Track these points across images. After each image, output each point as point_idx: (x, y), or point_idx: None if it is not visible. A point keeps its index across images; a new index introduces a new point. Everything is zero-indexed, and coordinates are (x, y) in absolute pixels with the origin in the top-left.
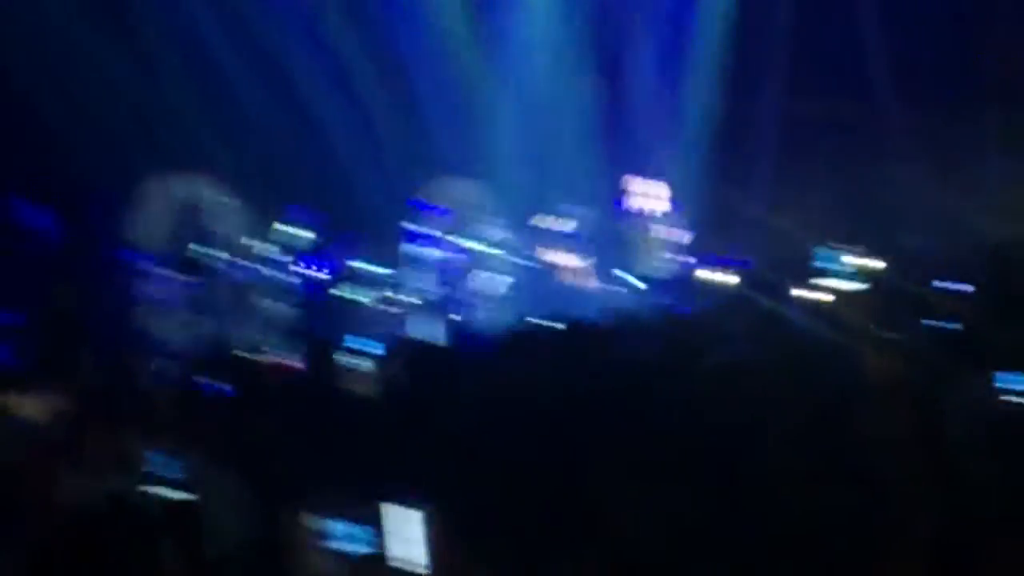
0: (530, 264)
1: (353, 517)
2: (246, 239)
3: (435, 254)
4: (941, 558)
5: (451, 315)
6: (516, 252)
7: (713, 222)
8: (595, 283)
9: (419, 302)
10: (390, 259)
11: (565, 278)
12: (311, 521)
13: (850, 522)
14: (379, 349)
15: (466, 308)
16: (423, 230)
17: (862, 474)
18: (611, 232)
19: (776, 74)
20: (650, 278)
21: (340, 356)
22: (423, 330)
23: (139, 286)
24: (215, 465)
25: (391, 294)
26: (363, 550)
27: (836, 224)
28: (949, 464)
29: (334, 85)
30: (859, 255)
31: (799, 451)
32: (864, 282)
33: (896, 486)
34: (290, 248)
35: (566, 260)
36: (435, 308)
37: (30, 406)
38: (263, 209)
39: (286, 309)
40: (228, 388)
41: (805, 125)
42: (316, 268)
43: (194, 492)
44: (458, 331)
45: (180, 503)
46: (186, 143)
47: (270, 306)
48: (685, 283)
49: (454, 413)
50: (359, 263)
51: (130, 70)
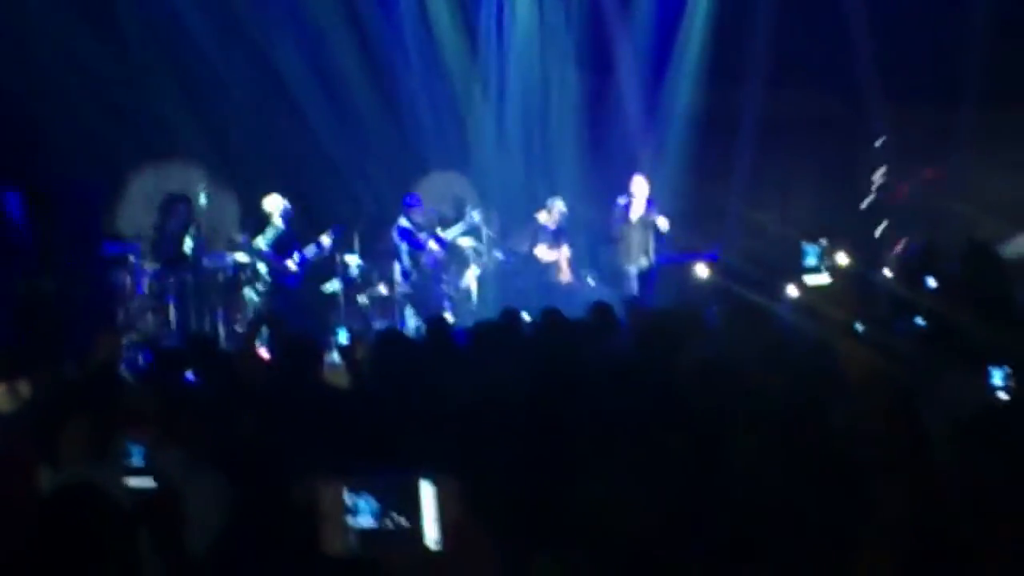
0: (510, 258)
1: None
2: (228, 231)
3: (417, 247)
4: (917, 550)
5: (430, 308)
6: (496, 246)
7: (694, 216)
8: (574, 277)
9: (399, 294)
10: (372, 251)
11: (545, 272)
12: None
13: (826, 515)
14: (359, 341)
15: (446, 301)
16: (405, 223)
17: (839, 468)
18: (592, 226)
19: (758, 70)
20: (629, 272)
21: (320, 347)
22: (402, 322)
23: (119, 277)
24: (196, 456)
25: (372, 286)
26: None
27: (815, 218)
28: (926, 457)
29: (318, 78)
30: (838, 249)
31: (775, 445)
32: (842, 276)
33: (873, 479)
34: (272, 240)
35: (546, 254)
36: (414, 301)
37: (6, 396)
38: (245, 201)
39: (267, 301)
40: (208, 379)
41: (786, 120)
42: (298, 260)
43: (174, 483)
44: (437, 324)
45: (160, 494)
46: (168, 135)
47: (251, 298)
48: (664, 277)
49: (431, 406)
50: (341, 255)
51: (112, 62)
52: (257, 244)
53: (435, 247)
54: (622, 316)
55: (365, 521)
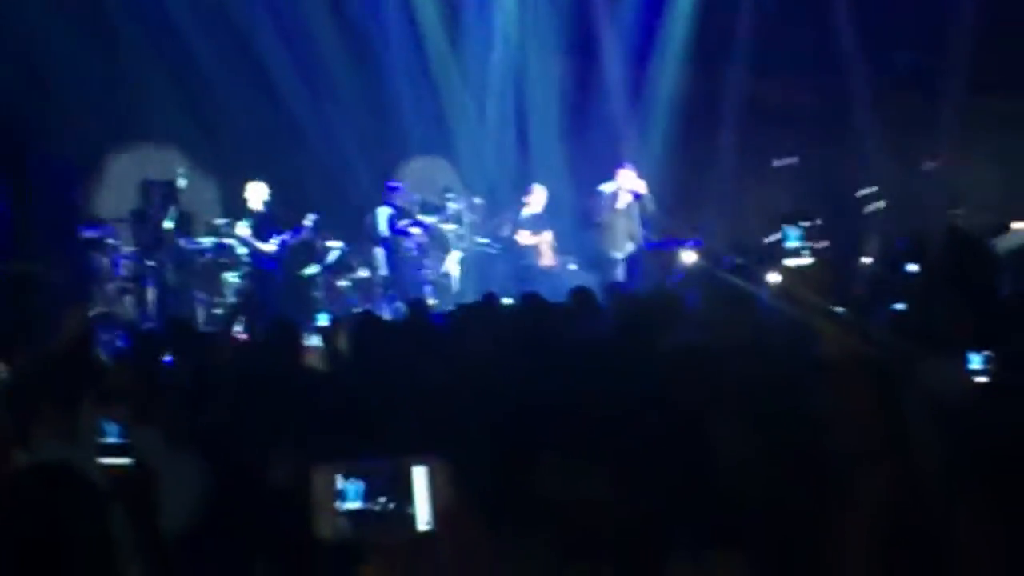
0: (492, 243)
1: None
2: (207, 214)
3: (399, 232)
4: (895, 535)
5: (411, 292)
6: (478, 230)
7: (677, 202)
8: (556, 262)
9: (380, 279)
10: (354, 235)
11: (527, 257)
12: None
13: (805, 500)
14: (340, 324)
15: (427, 285)
16: (387, 208)
17: (818, 452)
18: (575, 211)
19: (742, 56)
20: (615, 258)
21: (299, 330)
22: (383, 307)
23: (97, 260)
24: (172, 436)
25: (353, 270)
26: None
27: (796, 204)
28: (905, 441)
29: (300, 62)
30: (818, 235)
31: (755, 429)
32: (823, 261)
33: (852, 464)
34: (252, 223)
35: (527, 239)
36: (396, 285)
37: None
38: (225, 185)
39: (246, 285)
40: (186, 361)
41: (769, 106)
42: (277, 243)
43: (150, 463)
44: (417, 307)
45: (135, 473)
46: (147, 118)
47: (230, 281)
48: (646, 262)
49: (410, 389)
50: (321, 240)
51: (92, 46)
52: (237, 228)
53: (417, 231)
54: (603, 301)
55: (353, 504)
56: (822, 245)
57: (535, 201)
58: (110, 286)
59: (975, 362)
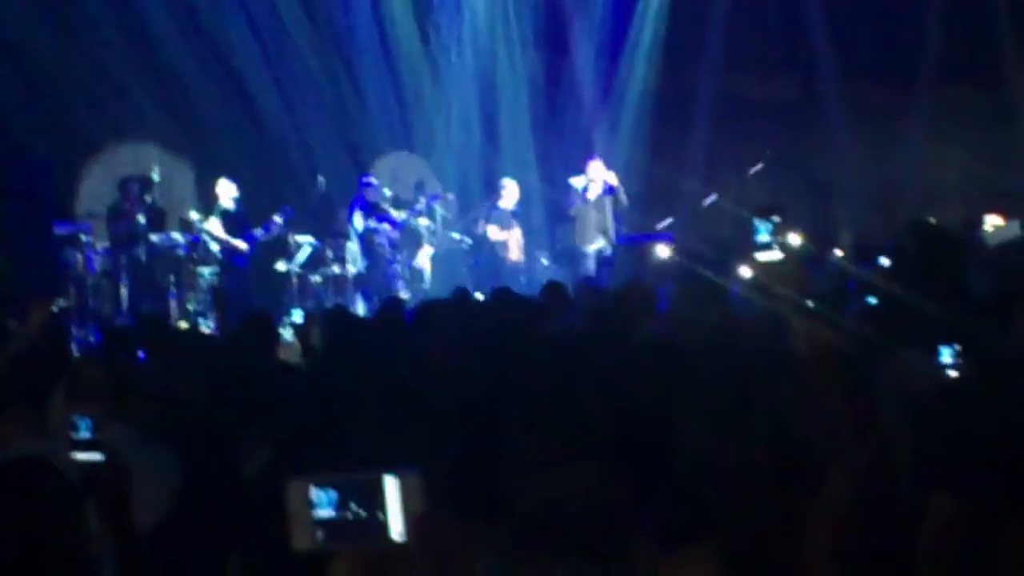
0: (464, 238)
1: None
2: (180, 210)
3: (371, 227)
4: (864, 529)
5: (384, 287)
6: (451, 226)
7: (648, 197)
8: (526, 257)
9: (352, 274)
10: (326, 231)
11: (499, 252)
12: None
13: (775, 494)
14: (313, 320)
15: (399, 281)
16: (359, 203)
17: (788, 446)
18: (548, 206)
19: (713, 51)
20: (587, 252)
21: (273, 327)
22: (354, 302)
23: (71, 256)
24: (145, 431)
25: (325, 265)
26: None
27: (770, 198)
28: (876, 434)
29: (273, 57)
30: (791, 229)
31: (725, 423)
32: (794, 255)
33: (822, 457)
34: (224, 219)
35: (497, 234)
36: (368, 280)
37: None
38: (199, 181)
39: (220, 280)
40: (159, 356)
41: (740, 101)
42: (248, 240)
43: (123, 458)
44: (389, 303)
45: (108, 468)
46: (122, 115)
47: (204, 277)
48: (622, 258)
49: (382, 385)
50: (295, 235)
51: (65, 41)
52: (208, 223)
53: (387, 227)
54: (575, 295)
55: (325, 512)
56: (793, 239)
57: (507, 197)
58: (84, 282)
59: (945, 356)
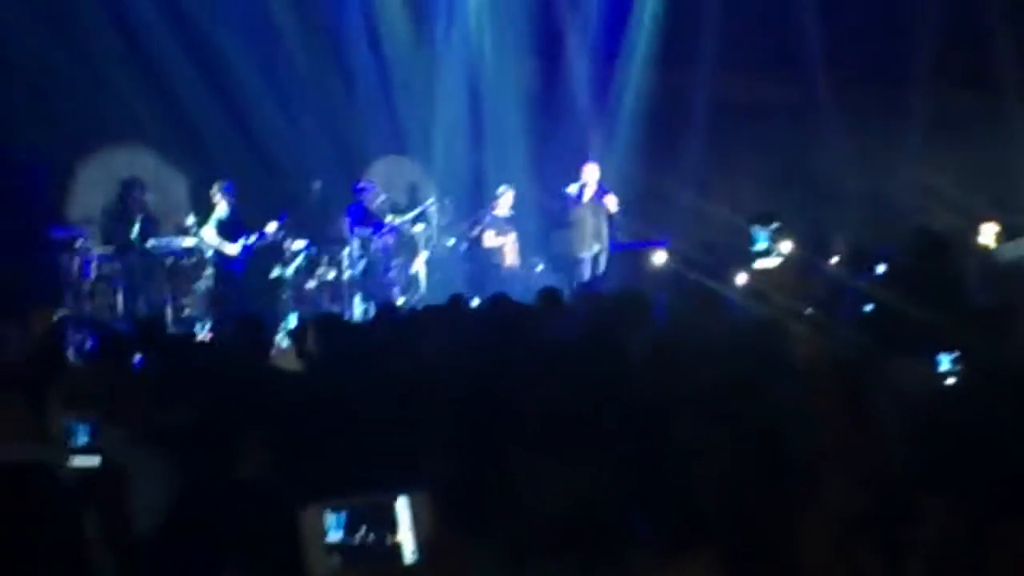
0: (460, 243)
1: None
2: (177, 215)
3: (366, 232)
4: (861, 533)
5: (379, 293)
6: (446, 232)
7: (643, 203)
8: (521, 263)
9: (348, 280)
10: (321, 236)
11: (494, 258)
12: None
13: (771, 499)
14: (307, 326)
15: (394, 286)
16: (355, 209)
17: (785, 451)
18: (543, 212)
19: (707, 56)
20: (582, 258)
21: (267, 330)
22: (351, 308)
23: (67, 261)
24: (141, 437)
25: (321, 272)
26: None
27: (765, 204)
28: (872, 440)
29: (268, 62)
30: (787, 235)
31: (722, 428)
32: (790, 262)
33: (818, 462)
34: (219, 225)
35: (492, 240)
36: (363, 286)
37: None
38: (195, 185)
39: (214, 285)
40: (155, 362)
41: (736, 106)
42: (242, 245)
43: (119, 463)
44: (385, 309)
45: (105, 473)
46: (116, 119)
47: (198, 282)
48: (617, 264)
49: (378, 391)
50: (290, 240)
51: (59, 45)
52: (203, 232)
53: (384, 232)
54: (571, 301)
55: (336, 535)
56: (789, 247)
57: (503, 203)
58: (79, 287)
59: (944, 363)
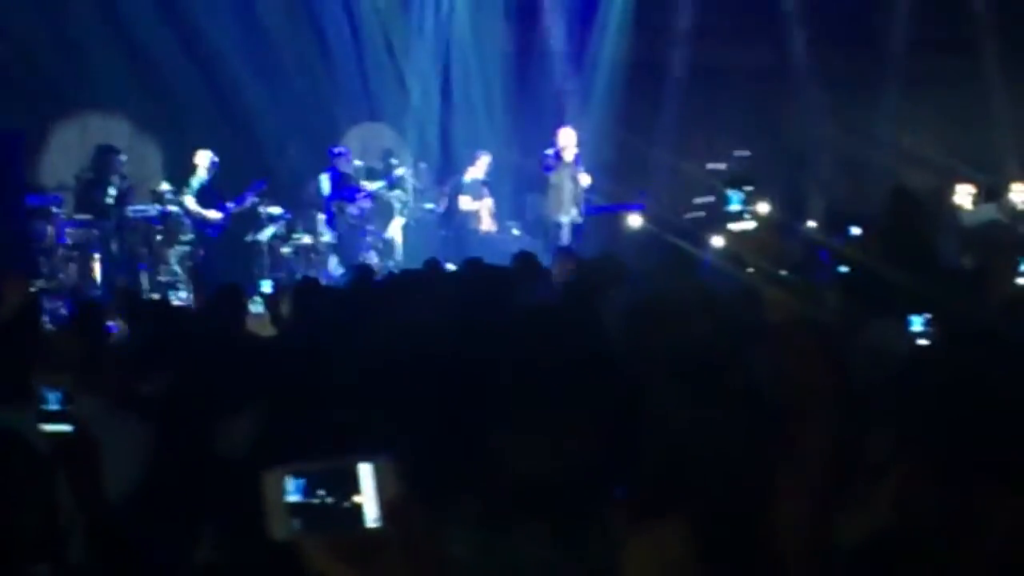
0: (435, 208)
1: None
2: (153, 182)
3: (345, 197)
4: (837, 496)
5: (355, 258)
6: (422, 196)
7: (620, 166)
8: (497, 227)
9: (324, 244)
10: (297, 201)
11: (470, 222)
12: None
13: (748, 460)
14: (283, 291)
15: (370, 251)
16: (331, 174)
17: (761, 412)
18: (519, 175)
19: (684, 19)
20: (561, 222)
21: (245, 297)
22: (326, 272)
23: (41, 228)
24: (115, 403)
25: (296, 237)
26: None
27: (741, 168)
28: (846, 404)
29: (242, 29)
30: (761, 197)
31: (699, 390)
32: (765, 224)
33: (795, 425)
34: (196, 191)
35: (468, 204)
36: (339, 251)
37: None
38: (171, 152)
39: (192, 251)
40: (130, 328)
41: (712, 69)
42: (223, 211)
43: (92, 430)
44: (359, 272)
45: (77, 439)
46: (91, 85)
47: (175, 248)
48: (593, 227)
49: (353, 356)
50: (266, 206)
51: (35, 13)
52: (181, 195)
53: (360, 197)
54: (548, 264)
55: (295, 499)
56: (763, 209)
57: (479, 166)
58: (54, 254)
59: (916, 324)
